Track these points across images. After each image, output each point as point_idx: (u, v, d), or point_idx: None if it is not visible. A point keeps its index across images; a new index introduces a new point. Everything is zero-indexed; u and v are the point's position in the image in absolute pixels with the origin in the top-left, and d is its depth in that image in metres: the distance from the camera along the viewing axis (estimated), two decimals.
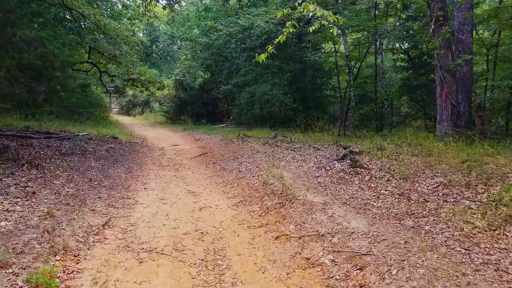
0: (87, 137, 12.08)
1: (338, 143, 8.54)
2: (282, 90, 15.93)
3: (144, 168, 8.60)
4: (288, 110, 16.35)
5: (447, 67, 8.23)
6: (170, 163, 9.56)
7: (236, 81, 17.62)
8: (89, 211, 5.17)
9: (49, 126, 13.77)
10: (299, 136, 11.88)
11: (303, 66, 17.35)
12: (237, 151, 9.92)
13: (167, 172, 8.34)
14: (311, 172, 6.73)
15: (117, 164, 8.67)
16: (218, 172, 8.09)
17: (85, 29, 14.82)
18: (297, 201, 5.00)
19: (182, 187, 6.92)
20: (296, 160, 7.85)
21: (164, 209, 5.59)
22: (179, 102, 23.35)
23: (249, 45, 17.29)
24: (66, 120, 17.41)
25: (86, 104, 20.63)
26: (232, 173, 7.69)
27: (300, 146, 9.15)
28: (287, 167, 7.28)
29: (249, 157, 8.94)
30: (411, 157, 6.70)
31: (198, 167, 8.84)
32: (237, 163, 8.58)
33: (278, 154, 8.69)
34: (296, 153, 8.54)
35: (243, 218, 5.02)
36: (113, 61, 13.10)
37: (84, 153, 9.31)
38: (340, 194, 5.15)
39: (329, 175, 6.35)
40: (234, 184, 6.87)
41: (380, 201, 4.74)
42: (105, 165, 8.31)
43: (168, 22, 23.41)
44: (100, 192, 6.17)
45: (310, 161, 7.57)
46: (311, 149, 8.75)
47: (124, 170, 8.06)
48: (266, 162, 8.05)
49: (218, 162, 9.10)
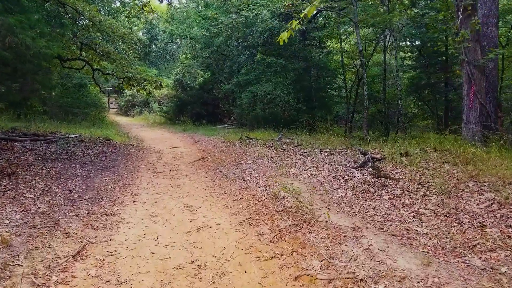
0: (78, 140, 11.02)
1: (355, 147, 7.48)
2: (286, 89, 14.88)
3: (136, 176, 7.54)
4: (292, 111, 15.31)
5: (476, 63, 7.18)
6: (166, 168, 8.50)
7: (238, 80, 16.56)
8: (60, 235, 4.12)
9: (39, 128, 12.72)
10: (305, 139, 10.82)
11: (307, 64, 16.29)
12: (240, 156, 8.87)
13: (162, 180, 7.28)
14: (328, 182, 5.67)
15: (106, 170, 7.61)
16: (219, 180, 7.03)
17: (81, 26, 13.79)
18: (317, 223, 3.94)
19: (178, 200, 5.87)
20: (307, 167, 6.79)
21: (154, 230, 4.53)
22: (179, 102, 22.29)
23: (251, 43, 16.24)
24: (59, 121, 16.38)
25: (82, 104, 19.58)
26: (235, 182, 6.63)
27: (309, 151, 8.09)
28: (299, 176, 6.23)
29: (253, 162, 7.88)
30: (442, 164, 5.66)
31: (197, 174, 7.78)
32: (240, 169, 7.52)
33: (286, 160, 7.64)
34: (307, 158, 7.49)
35: (251, 244, 3.97)
36: (106, 58, 12.00)
37: (71, 158, 8.26)
38: (370, 215, 4.09)
39: (351, 187, 5.29)
40: (238, 196, 5.81)
41: (424, 226, 3.69)
42: (91, 172, 7.25)
43: (168, 20, 22.34)
44: (79, 208, 5.11)
45: (324, 168, 6.52)
46: (322, 154, 7.70)
47: (112, 178, 7.00)
48: (273, 169, 7.00)
49: (219, 168, 8.05)
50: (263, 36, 15.80)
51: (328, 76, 17.27)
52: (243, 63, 17.45)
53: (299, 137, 11.36)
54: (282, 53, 16.29)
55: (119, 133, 16.06)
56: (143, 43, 26.38)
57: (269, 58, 15.75)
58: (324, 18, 17.27)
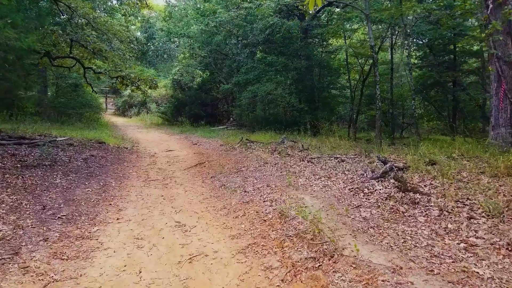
0: (67, 143, 10.09)
1: (368, 152, 6.58)
2: (288, 89, 13.98)
3: (124, 185, 6.61)
4: (293, 111, 14.40)
5: (507, 58, 6.28)
6: (160, 175, 7.58)
7: (237, 80, 15.62)
8: (16, 271, 3.21)
9: (27, 130, 11.76)
10: (311, 142, 9.92)
11: (310, 63, 15.36)
12: (241, 161, 7.96)
13: (154, 190, 6.36)
14: (346, 197, 4.76)
15: (92, 179, 6.69)
16: (217, 191, 6.11)
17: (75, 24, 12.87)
18: (343, 259, 3.04)
19: (169, 216, 4.95)
20: (318, 176, 5.88)
21: (137, 259, 3.63)
22: (177, 102, 21.36)
23: (251, 41, 15.31)
24: (52, 122, 15.45)
25: (77, 104, 18.65)
26: (235, 193, 5.72)
27: (318, 156, 7.18)
28: (309, 188, 5.31)
29: (255, 170, 6.97)
30: (478, 176, 4.76)
31: (193, 183, 6.87)
32: (241, 178, 6.61)
33: (292, 167, 6.73)
34: (315, 166, 6.58)
35: (257, 284, 3.06)
36: (98, 56, 11.07)
37: (54, 164, 7.33)
38: (409, 246, 3.17)
39: (374, 204, 4.38)
40: (239, 212, 4.90)
41: (485, 265, 2.78)
42: (74, 181, 6.33)
43: (165, 19, 21.41)
44: (50, 229, 4.20)
45: (338, 178, 5.61)
46: (333, 161, 6.79)
47: (97, 189, 6.08)
48: (278, 178, 6.09)
49: (218, 175, 7.13)
50: (264, 33, 14.88)
51: (331, 75, 16.35)
52: (243, 62, 16.53)
53: (303, 140, 10.46)
54: (283, 51, 15.37)
55: (114, 134, 15.14)
56: (140, 42, 25.38)
57: (270, 57, 14.83)
58: (327, 15, 16.35)
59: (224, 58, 19.33)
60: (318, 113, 15.48)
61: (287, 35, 15.41)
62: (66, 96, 18.75)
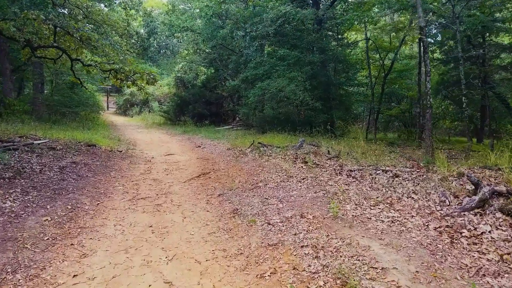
0: (48, 146, 8.27)
1: (425, 164, 4.70)
2: (302, 85, 12.07)
3: (102, 208, 4.76)
4: (308, 110, 12.50)
5: None
6: (153, 191, 5.73)
7: (246, 75, 13.72)
8: None
9: (5, 130, 9.94)
10: (335, 146, 8.05)
11: (324, 57, 13.44)
12: (255, 172, 6.09)
13: (141, 216, 4.51)
14: (440, 246, 2.88)
15: (59, 198, 4.83)
16: (227, 219, 4.24)
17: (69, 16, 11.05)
18: None
19: (156, 268, 3.11)
20: (372, 201, 4.00)
21: None
22: (179, 101, 19.48)
23: (261, 32, 13.39)
24: (42, 122, 13.65)
25: (73, 103, 16.83)
26: (254, 226, 3.86)
27: (358, 169, 5.29)
28: (369, 224, 3.44)
29: (277, 186, 5.10)
30: None
31: (194, 204, 5.00)
32: (259, 198, 4.74)
33: (328, 184, 4.85)
34: (362, 183, 4.70)
35: None
36: (86, 45, 9.20)
37: (16, 176, 5.49)
38: None
39: (494, 262, 2.50)
40: (264, 264, 3.04)
41: None
42: (32, 203, 4.48)
43: (168, 13, 19.55)
44: None
45: (405, 206, 3.74)
46: (381, 175, 4.90)
47: (60, 216, 4.22)
48: (314, 202, 4.21)
49: (227, 192, 5.27)
50: (275, 24, 12.98)
51: (347, 70, 14.41)
52: (252, 56, 14.62)
53: (325, 143, 8.59)
54: (296, 44, 13.46)
55: (109, 135, 13.32)
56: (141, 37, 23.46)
57: (282, 50, 12.94)
58: (343, 5, 14.44)
59: (230, 53, 17.45)
60: (333, 112, 13.60)
61: (300, 27, 13.52)
62: (61, 93, 16.93)
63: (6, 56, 13.81)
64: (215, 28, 16.34)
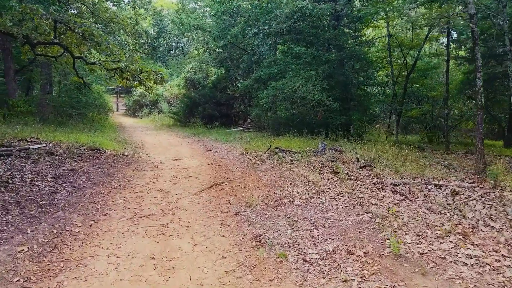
0: (47, 151, 7.45)
1: (498, 180, 3.71)
2: (319, 85, 11.10)
3: (96, 230, 3.87)
4: (326, 112, 11.51)
5: None
6: (158, 205, 4.84)
7: (259, 75, 12.79)
8: None
9: (5, 133, 9.18)
10: (361, 151, 7.07)
11: (343, 55, 12.44)
12: (277, 185, 5.14)
13: (141, 241, 3.61)
14: None
15: (45, 218, 3.96)
16: (249, 249, 3.31)
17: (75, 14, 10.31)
18: None
19: None
20: (438, 230, 3.04)
21: None
22: (189, 102, 18.63)
23: (275, 29, 12.45)
24: (47, 124, 12.91)
25: (81, 104, 16.09)
26: (286, 264, 2.92)
27: (403, 182, 4.31)
28: (449, 271, 2.46)
29: (307, 204, 4.15)
30: None
31: (207, 225, 4.08)
32: (286, 221, 3.81)
33: (370, 202, 3.88)
34: (414, 202, 3.72)
35: None
36: (89, 42, 8.37)
37: (1, 188, 4.65)
38: None
39: None
40: None
41: None
42: (8, 226, 3.62)
43: (178, 12, 18.76)
44: None
45: (489, 238, 2.76)
46: (434, 191, 3.92)
47: (41, 245, 3.34)
48: (360, 229, 3.26)
49: (245, 210, 4.34)
50: (290, 20, 12.03)
51: (366, 69, 13.36)
52: (265, 54, 13.68)
53: (349, 148, 7.62)
54: (312, 41, 12.48)
55: (117, 138, 12.52)
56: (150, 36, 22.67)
57: (298, 48, 11.99)
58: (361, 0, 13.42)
59: (242, 53, 16.54)
60: (352, 114, 12.58)
61: (316, 23, 12.55)
62: (68, 94, 16.23)
63: (9, 56, 13.13)
64: (226, 26, 15.46)
